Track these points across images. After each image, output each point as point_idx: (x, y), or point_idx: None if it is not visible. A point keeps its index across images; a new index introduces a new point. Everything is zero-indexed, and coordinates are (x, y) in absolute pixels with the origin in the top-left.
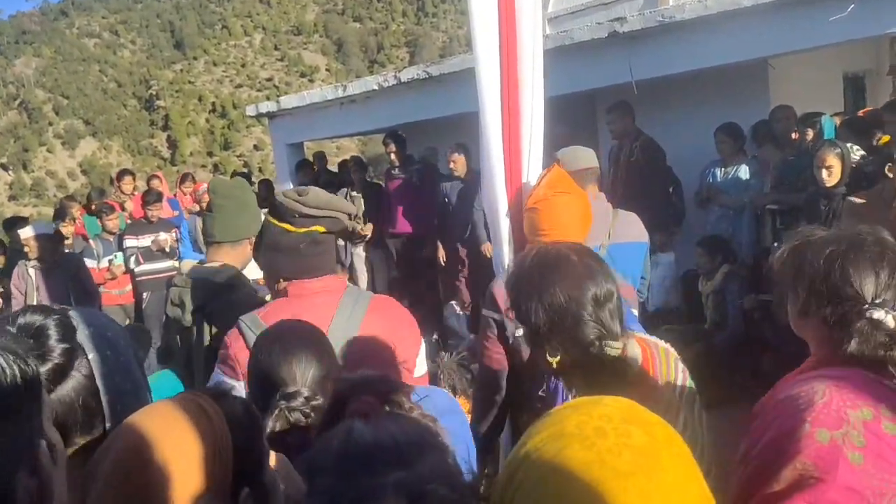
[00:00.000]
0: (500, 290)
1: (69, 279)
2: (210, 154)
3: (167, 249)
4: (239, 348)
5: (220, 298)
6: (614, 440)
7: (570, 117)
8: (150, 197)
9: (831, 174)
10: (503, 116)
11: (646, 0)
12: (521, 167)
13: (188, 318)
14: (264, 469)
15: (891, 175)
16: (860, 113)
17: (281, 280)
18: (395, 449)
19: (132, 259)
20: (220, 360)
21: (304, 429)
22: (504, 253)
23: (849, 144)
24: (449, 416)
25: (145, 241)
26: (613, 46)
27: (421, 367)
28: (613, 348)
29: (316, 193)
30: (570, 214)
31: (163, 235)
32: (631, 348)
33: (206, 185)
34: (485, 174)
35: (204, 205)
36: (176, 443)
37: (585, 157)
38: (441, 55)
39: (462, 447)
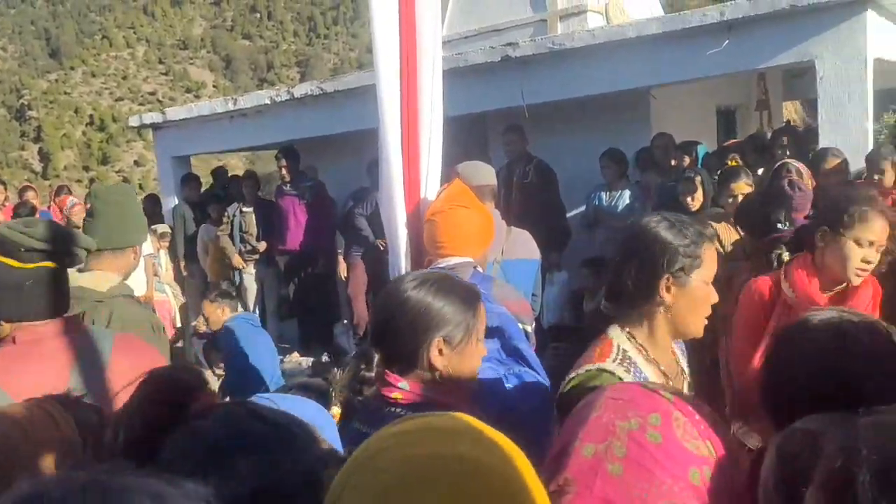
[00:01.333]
0: None
1: None
2: (86, 168)
3: None
4: None
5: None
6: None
7: (463, 138)
8: (23, 210)
9: (694, 199)
10: (403, 132)
11: (537, 27)
12: (419, 182)
13: None
14: None
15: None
16: (727, 143)
17: (2, 323)
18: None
19: None
20: None
21: None
22: (402, 266)
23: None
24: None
25: None
26: (506, 70)
27: None
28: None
29: (46, 226)
30: (469, 228)
31: None
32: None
33: (72, 199)
34: (384, 188)
35: (73, 220)
36: (15, 452)
37: (486, 173)
38: (332, 77)
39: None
